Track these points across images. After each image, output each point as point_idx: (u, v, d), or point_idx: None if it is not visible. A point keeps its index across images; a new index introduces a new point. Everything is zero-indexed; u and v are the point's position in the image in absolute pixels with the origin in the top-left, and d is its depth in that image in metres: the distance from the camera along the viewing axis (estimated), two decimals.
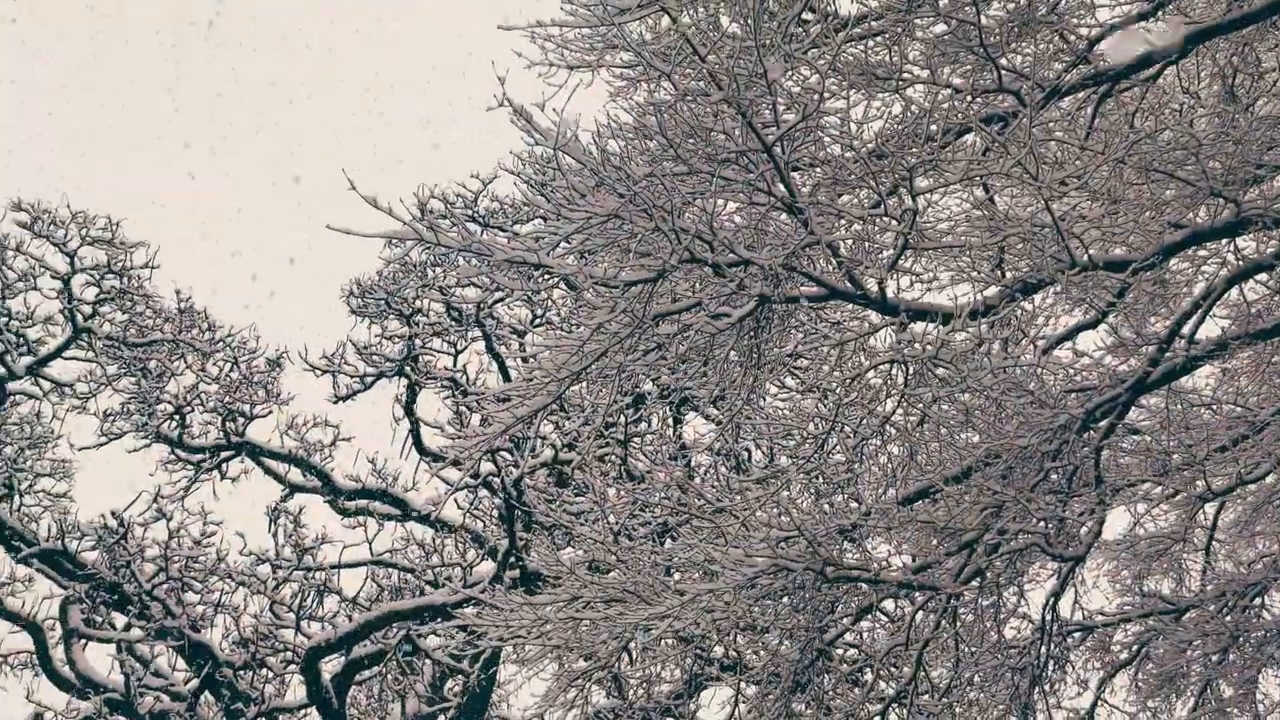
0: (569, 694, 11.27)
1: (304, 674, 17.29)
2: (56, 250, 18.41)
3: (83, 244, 18.39)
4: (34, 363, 18.33)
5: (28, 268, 18.34)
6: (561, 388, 9.31)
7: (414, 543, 19.64)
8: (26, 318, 18.39)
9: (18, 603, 19.01)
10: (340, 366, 19.72)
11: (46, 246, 18.39)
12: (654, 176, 8.66)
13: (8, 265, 18.20)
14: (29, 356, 18.31)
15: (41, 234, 18.25)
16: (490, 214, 19.64)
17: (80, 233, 18.36)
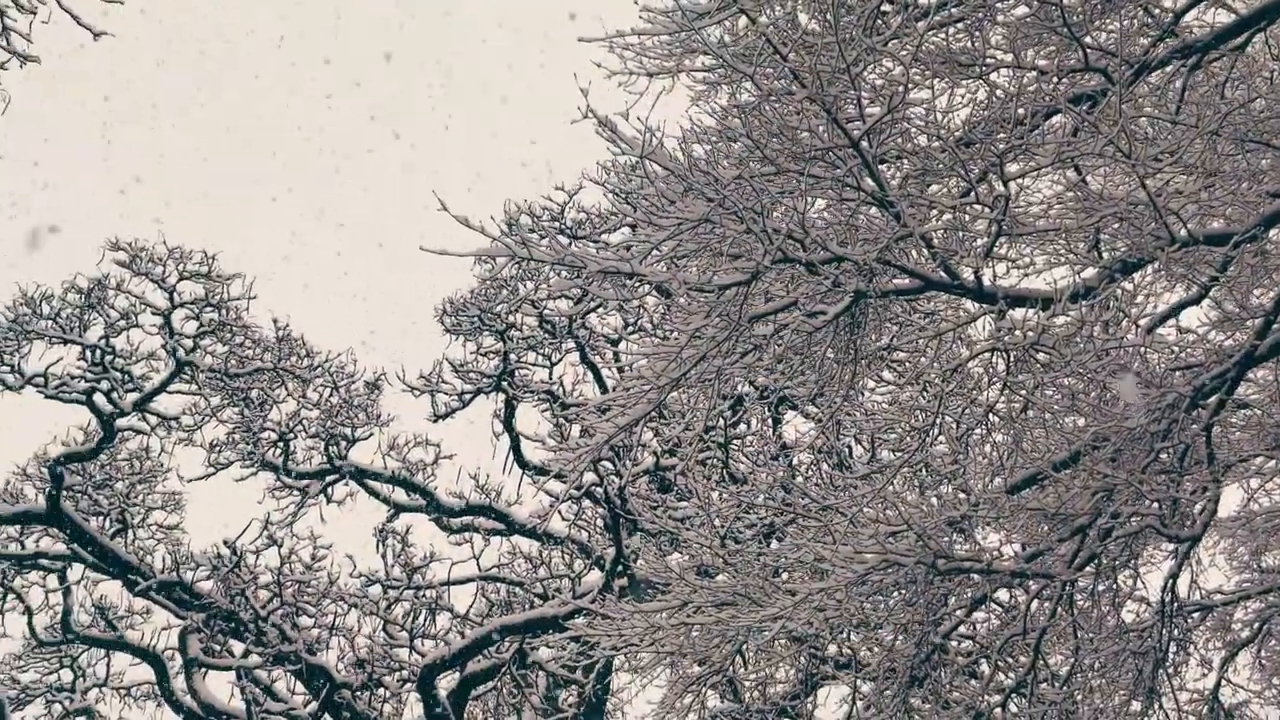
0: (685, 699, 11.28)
1: (420, 692, 17.45)
2: (156, 287, 18.72)
3: (181, 279, 18.69)
4: (140, 398, 18.63)
5: (129, 305, 18.67)
6: (662, 395, 9.32)
7: (521, 556, 19.76)
8: (130, 355, 18.71)
9: (137, 635, 19.38)
10: (438, 385, 19.89)
11: (146, 284, 18.71)
12: (742, 178, 8.66)
13: (110, 304, 18.53)
14: (135, 393, 18.63)
15: (140, 272, 18.56)
16: (578, 225, 19.73)
17: (178, 268, 18.66)
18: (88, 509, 19.05)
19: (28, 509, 18.47)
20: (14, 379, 18.01)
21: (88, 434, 18.77)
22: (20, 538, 19.19)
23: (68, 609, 19.16)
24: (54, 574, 19.39)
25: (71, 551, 18.87)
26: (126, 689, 19.99)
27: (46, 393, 18.30)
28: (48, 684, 19.69)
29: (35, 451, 19.19)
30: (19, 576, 19.35)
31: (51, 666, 19.72)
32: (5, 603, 19.20)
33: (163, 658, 18.88)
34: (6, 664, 19.53)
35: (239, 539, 18.48)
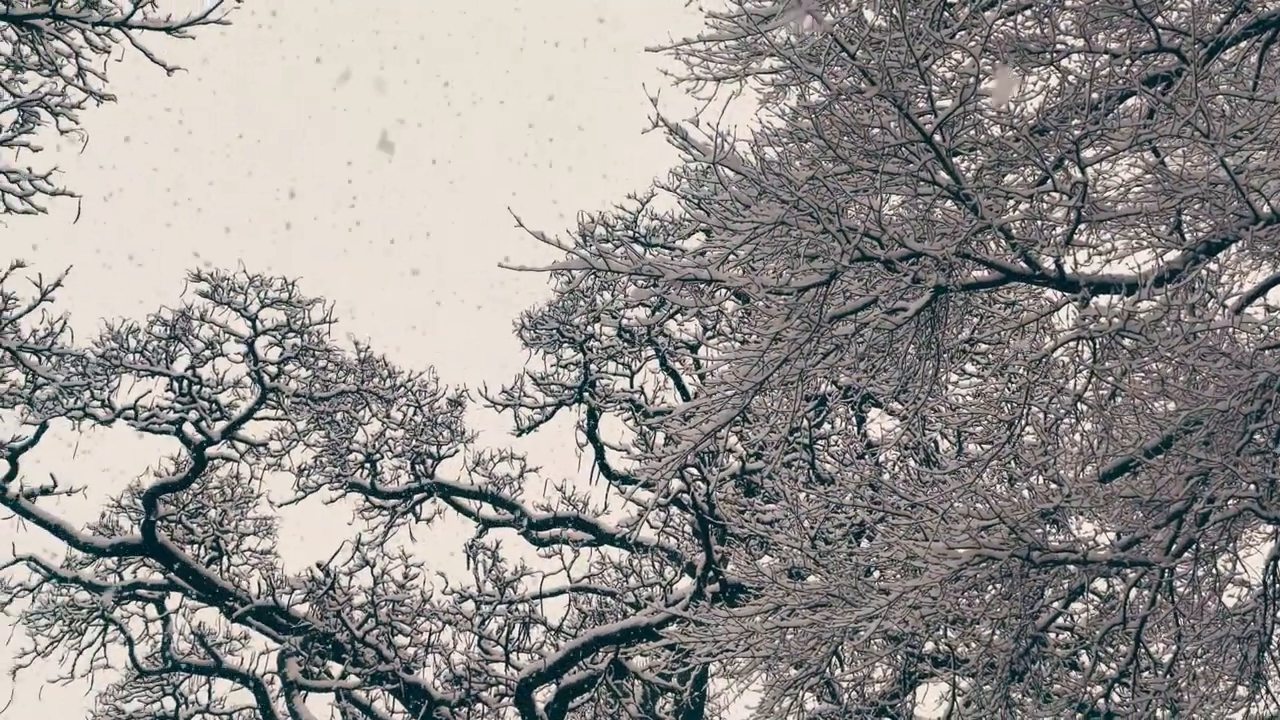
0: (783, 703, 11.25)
1: (518, 705, 17.53)
2: (238, 315, 18.93)
3: (262, 307, 18.88)
4: (228, 426, 18.84)
5: (213, 335, 18.88)
6: (745, 400, 9.32)
7: (611, 566, 19.80)
8: (217, 384, 18.93)
9: (237, 660, 19.62)
10: (520, 399, 19.97)
11: (229, 313, 18.92)
12: (816, 179, 8.64)
13: (195, 335, 18.76)
14: (223, 421, 18.84)
15: (223, 301, 18.77)
16: (651, 232, 19.76)
17: (259, 296, 18.85)
18: (182, 538, 19.30)
19: (124, 540, 18.75)
20: (105, 413, 18.27)
21: (179, 464, 19.01)
22: (118, 569, 19.47)
23: (167, 637, 19.43)
24: (152, 603, 19.66)
25: (169, 580, 19.13)
26: (228, 714, 20.22)
27: (137, 425, 18.55)
28: (151, 713, 19.96)
29: (129, 484, 19.49)
30: (119, 607, 19.63)
31: (154, 695, 19.99)
32: (107, 633, 19.48)
33: (262, 682, 19.11)
34: (110, 694, 19.81)
35: (332, 561, 18.67)
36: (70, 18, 13.19)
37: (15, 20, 13.12)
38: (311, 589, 18.43)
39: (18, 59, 13.81)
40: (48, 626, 19.23)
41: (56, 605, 19.27)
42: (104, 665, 19.44)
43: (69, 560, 19.26)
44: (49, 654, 19.18)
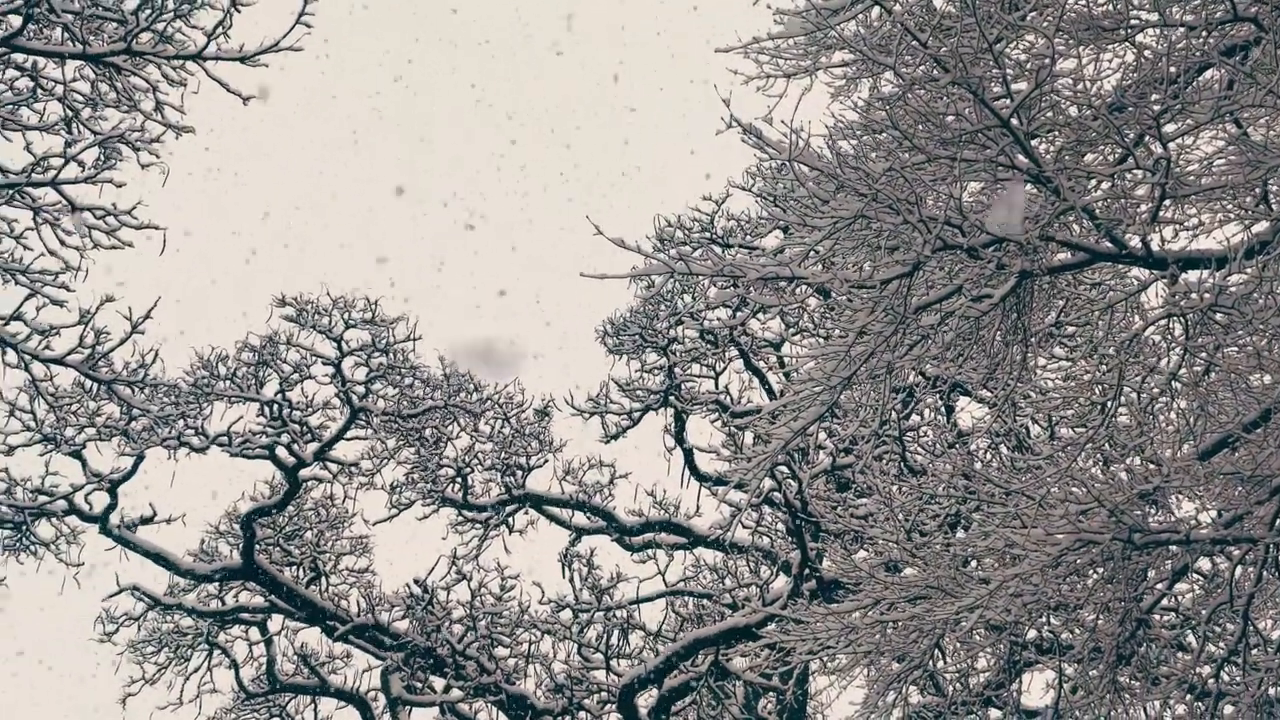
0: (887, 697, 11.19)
1: (620, 712, 17.57)
2: (324, 338, 19.11)
3: (347, 328, 19.05)
4: (320, 448, 19.03)
5: (300, 359, 19.08)
6: (834, 396, 9.30)
7: (706, 568, 19.79)
8: (307, 406, 19.13)
9: (340, 679, 19.81)
10: (606, 406, 20.02)
11: (314, 336, 19.11)
12: (893, 170, 8.61)
13: (283, 359, 18.96)
14: (315, 443, 19.03)
15: (308, 324, 18.97)
16: (729, 233, 19.74)
17: (343, 317, 19.03)
18: (281, 560, 19.52)
19: (225, 565, 19.00)
20: (199, 440, 18.51)
21: (273, 487, 19.24)
22: (220, 594, 19.74)
23: (271, 659, 19.66)
24: (255, 626, 19.91)
25: (269, 603, 19.37)
26: None
27: (231, 451, 18.78)
28: None
29: (226, 509, 19.75)
30: (222, 632, 19.90)
31: (261, 717, 20.23)
32: (212, 658, 19.75)
33: (367, 699, 19.29)
34: (218, 718, 20.07)
35: (429, 576, 18.81)
36: (146, 53, 13.39)
37: (93, 59, 13.34)
38: (410, 605, 18.59)
39: (96, 97, 14.03)
40: (154, 654, 19.54)
41: (162, 633, 19.57)
42: (210, 690, 19.72)
43: (172, 588, 19.55)
44: (156, 681, 19.48)
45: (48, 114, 13.80)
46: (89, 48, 13.25)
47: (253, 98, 13.61)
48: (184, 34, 13.65)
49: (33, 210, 13.67)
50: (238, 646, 20.15)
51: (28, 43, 13.20)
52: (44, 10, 12.89)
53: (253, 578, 19.01)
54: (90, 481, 17.78)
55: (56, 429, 17.29)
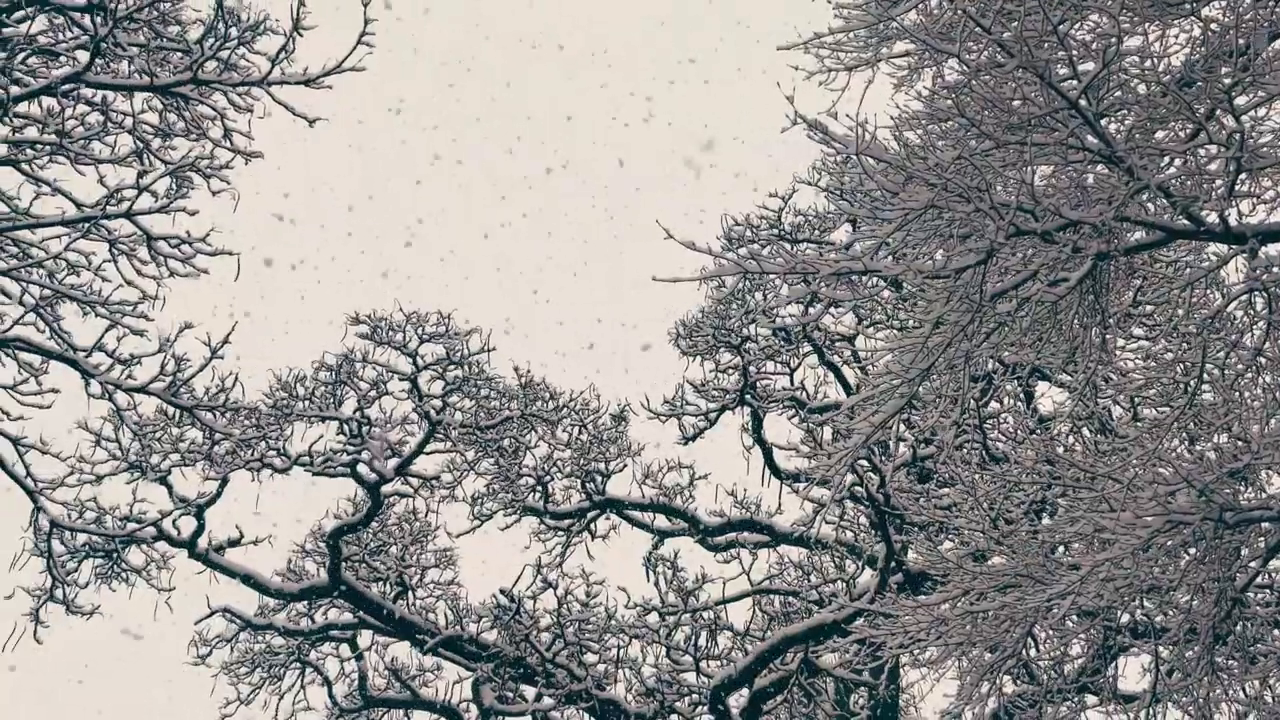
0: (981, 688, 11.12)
1: (712, 713, 17.57)
2: (399, 353, 19.25)
3: (421, 342, 19.17)
4: (400, 463, 19.15)
5: (376, 375, 19.22)
6: (913, 388, 9.25)
7: (790, 565, 19.74)
8: (385, 422, 19.26)
9: (431, 692, 19.93)
10: (682, 408, 20.02)
11: (389, 352, 19.25)
12: (962, 158, 8.56)
13: (359, 377, 19.11)
14: (395, 459, 19.15)
15: (382, 341, 19.11)
16: (796, 228, 19.69)
17: (417, 332, 19.15)
18: (367, 576, 19.67)
19: (312, 584, 19.17)
20: (281, 461, 18.68)
21: (356, 504, 19.38)
22: (309, 612, 19.90)
23: (363, 675, 19.81)
24: (345, 643, 20.07)
25: (358, 619, 19.52)
26: None
27: (313, 470, 18.94)
28: None
29: (311, 528, 19.93)
30: (313, 649, 20.08)
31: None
32: (305, 676, 19.93)
33: (459, 710, 19.39)
34: None
35: (514, 586, 18.88)
36: (212, 82, 13.54)
37: (161, 90, 13.51)
38: (497, 615, 18.67)
39: (165, 127, 14.21)
40: (248, 674, 19.74)
41: (255, 653, 19.78)
42: (305, 708, 19.89)
43: (262, 608, 19.75)
44: (251, 701, 19.69)
45: (119, 146, 13.98)
46: (156, 79, 13.41)
47: (319, 120, 13.76)
48: (248, 60, 13.81)
49: (109, 242, 13.86)
50: (329, 663, 20.35)
51: (96, 77, 13.38)
52: (110, 44, 13.06)
53: (341, 595, 19.16)
54: (177, 507, 17.99)
55: (142, 457, 17.51)
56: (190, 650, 19.39)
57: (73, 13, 13.62)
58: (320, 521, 19.65)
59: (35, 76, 13.52)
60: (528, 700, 18.85)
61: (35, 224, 13.36)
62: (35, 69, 13.70)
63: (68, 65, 13.62)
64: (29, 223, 13.35)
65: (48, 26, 13.80)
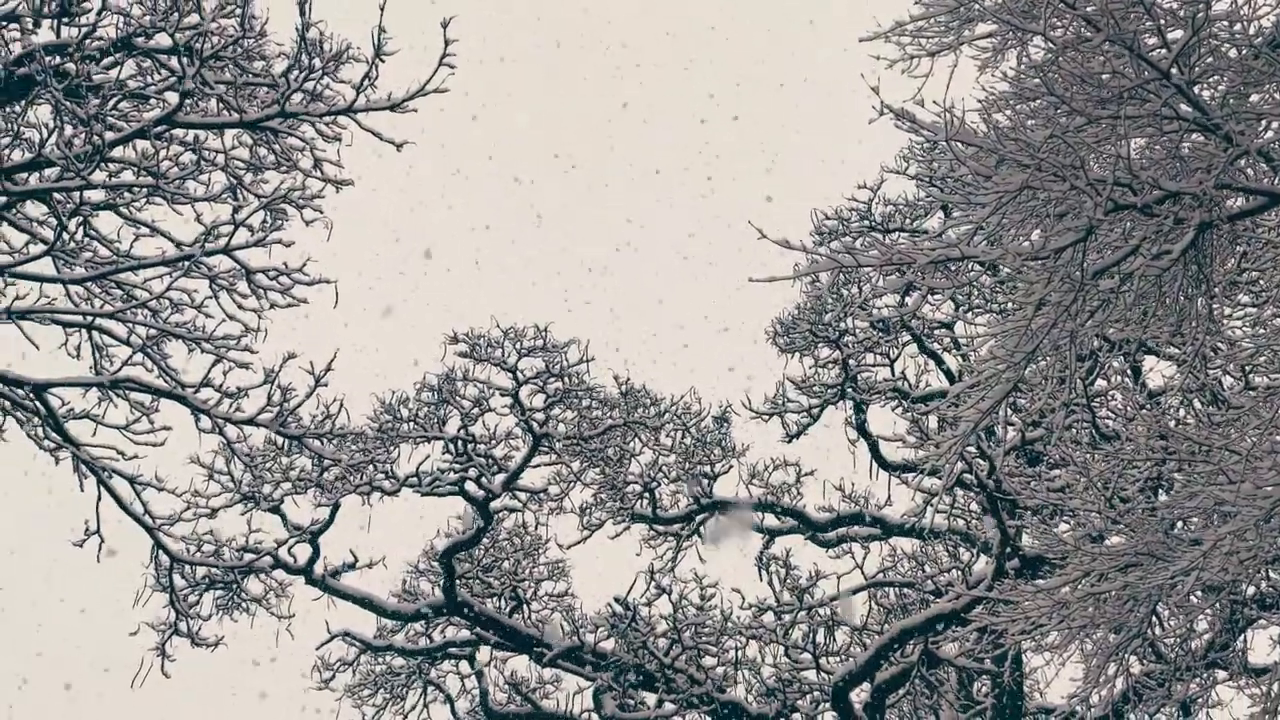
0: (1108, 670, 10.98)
1: (835, 710, 17.49)
2: (499, 369, 19.36)
3: (520, 357, 19.27)
4: (507, 478, 19.26)
5: (478, 393, 19.35)
6: (1018, 372, 9.16)
7: (904, 557, 19.62)
8: (490, 439, 19.39)
9: (552, 703, 20.02)
10: (784, 406, 19.97)
11: (489, 369, 19.36)
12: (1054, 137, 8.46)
13: (461, 395, 19.25)
14: (501, 474, 19.27)
15: (482, 358, 19.23)
16: (887, 218, 19.57)
17: (515, 347, 19.25)
18: (482, 592, 19.80)
19: (429, 603, 19.35)
20: (390, 484, 18.85)
21: (466, 522, 19.52)
22: (427, 631, 20.08)
23: (484, 690, 19.94)
24: (464, 659, 20.21)
25: (476, 635, 19.65)
26: None
27: (421, 491, 19.10)
28: None
29: (423, 548, 20.10)
30: (434, 668, 20.25)
31: None
32: (427, 694, 20.11)
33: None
34: None
35: (628, 593, 18.92)
36: (299, 114, 13.71)
37: (250, 125, 13.70)
38: (614, 624, 18.72)
39: (256, 161, 14.41)
40: (371, 696, 19.95)
41: (376, 674, 19.99)
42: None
43: (380, 629, 19.96)
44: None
45: (212, 184, 14.20)
46: (245, 115, 13.61)
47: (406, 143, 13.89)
48: (333, 89, 13.96)
49: (209, 278, 14.08)
50: (450, 681, 20.51)
51: (186, 117, 13.60)
52: (198, 84, 13.27)
53: (457, 612, 19.30)
54: (292, 535, 18.23)
55: (254, 487, 17.77)
56: (313, 675, 19.63)
57: (159, 55, 13.85)
58: (432, 541, 19.83)
59: (128, 121, 13.77)
60: (649, 707, 18.87)
61: (137, 265, 13.61)
62: (127, 113, 13.95)
63: (158, 108, 13.85)
64: (131, 264, 13.59)
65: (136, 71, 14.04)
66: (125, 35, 13.39)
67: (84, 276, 13.42)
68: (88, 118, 12.72)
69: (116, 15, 13.32)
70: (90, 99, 13.01)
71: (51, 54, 12.93)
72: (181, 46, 13.25)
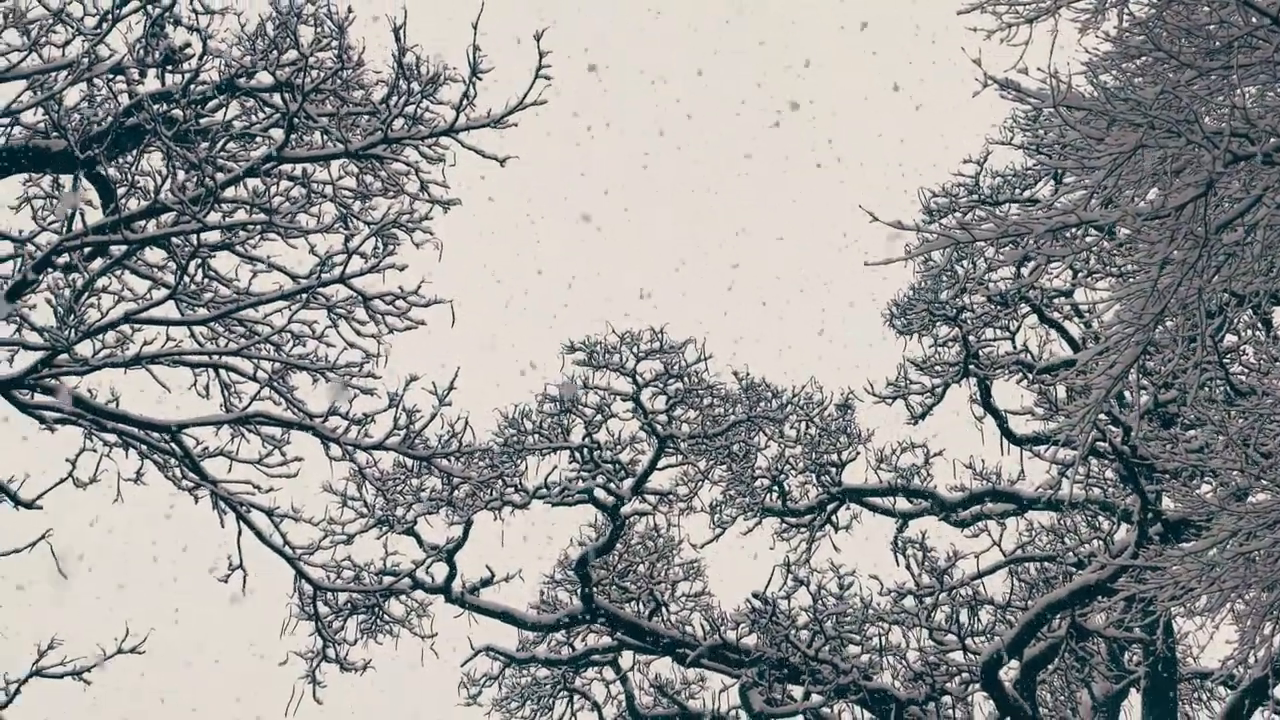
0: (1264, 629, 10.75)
1: (985, 689, 17.28)
2: (617, 374, 19.41)
3: (639, 361, 19.31)
4: (635, 482, 19.31)
5: (600, 400, 19.42)
6: (1148, 334, 9.01)
7: (1041, 530, 19.36)
8: (615, 444, 19.45)
9: (699, 703, 20.03)
10: (907, 388, 19.81)
11: (609, 375, 19.42)
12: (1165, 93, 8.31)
13: (583, 404, 19.33)
14: (629, 478, 19.32)
15: (600, 365, 19.30)
16: (996, 190, 19.34)
17: (633, 352, 19.29)
18: (619, 597, 19.85)
19: (568, 612, 19.44)
20: (520, 497, 18.98)
21: (598, 529, 19.59)
22: (568, 640, 20.18)
23: (629, 695, 20.02)
24: (607, 665, 20.29)
25: (617, 641, 19.72)
26: None
27: (551, 501, 19.21)
28: None
29: (558, 558, 20.21)
30: (578, 676, 20.35)
31: None
32: (573, 703, 20.21)
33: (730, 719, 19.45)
34: None
35: (766, 588, 18.87)
36: (403, 139, 13.85)
37: (355, 155, 13.86)
38: (754, 619, 18.68)
39: (363, 189, 14.57)
40: (519, 709, 20.11)
41: (522, 686, 20.14)
42: None
43: (522, 642, 20.10)
44: None
45: (323, 215, 14.37)
46: (349, 144, 13.78)
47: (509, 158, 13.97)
48: (432, 112, 14.08)
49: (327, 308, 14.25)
50: (595, 688, 20.61)
51: (293, 152, 13.79)
52: (302, 119, 13.44)
53: (596, 619, 19.39)
54: (428, 555, 18.40)
55: (387, 511, 17.96)
56: (460, 691, 19.81)
57: (262, 94, 14.07)
58: (566, 550, 19.92)
59: (236, 161, 14.00)
60: (797, 700, 18.80)
61: (257, 301, 13.80)
62: (235, 154, 14.18)
63: (264, 145, 14.06)
64: (251, 301, 13.79)
65: (240, 111, 14.27)
66: (228, 77, 13.62)
67: (207, 317, 13.63)
68: (199, 161, 12.94)
69: (218, 59, 13.55)
70: (199, 142, 13.24)
71: (159, 102, 13.18)
72: (283, 83, 13.44)
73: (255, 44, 13.66)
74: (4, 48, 12.47)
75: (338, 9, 13.66)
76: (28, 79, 12.75)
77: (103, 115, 13.42)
